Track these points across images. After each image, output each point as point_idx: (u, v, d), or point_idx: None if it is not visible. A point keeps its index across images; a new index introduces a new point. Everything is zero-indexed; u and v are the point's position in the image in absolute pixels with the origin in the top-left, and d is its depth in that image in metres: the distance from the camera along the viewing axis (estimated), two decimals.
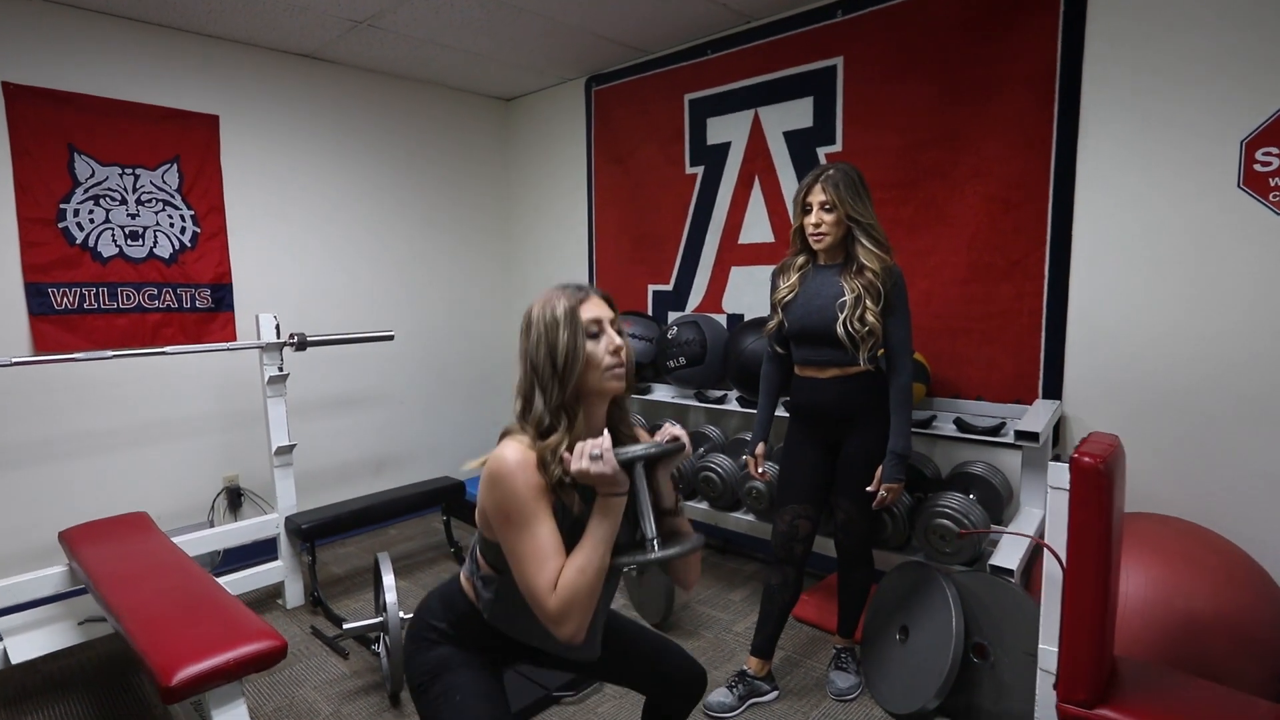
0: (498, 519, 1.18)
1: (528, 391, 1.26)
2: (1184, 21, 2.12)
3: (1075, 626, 1.42)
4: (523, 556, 1.16)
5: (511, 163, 4.39)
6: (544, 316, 1.24)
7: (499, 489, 1.16)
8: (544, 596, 1.14)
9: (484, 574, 1.31)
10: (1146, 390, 2.27)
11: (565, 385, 1.22)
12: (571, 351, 1.21)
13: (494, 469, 1.17)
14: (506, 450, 1.18)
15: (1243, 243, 2.09)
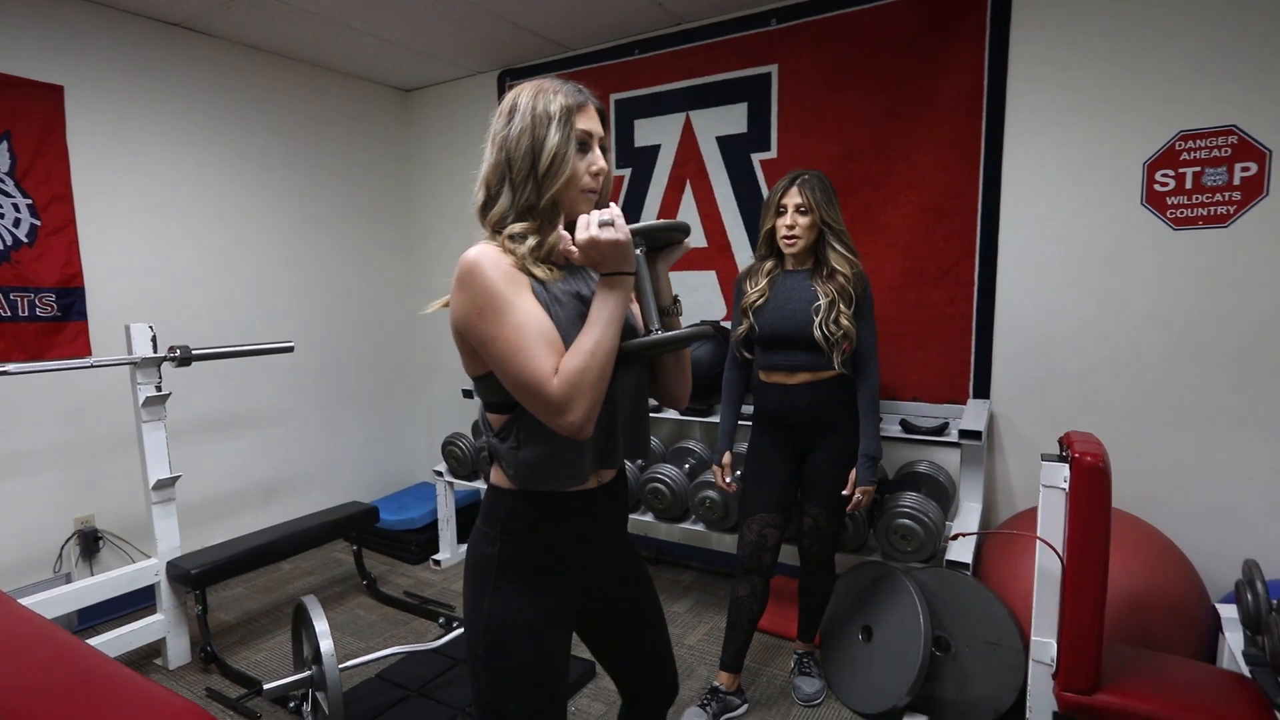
0: (472, 317, 1.03)
1: (494, 183, 1.12)
2: (1095, 53, 2.33)
3: (1077, 618, 1.48)
4: (510, 347, 1.00)
5: (414, 159, 4.07)
6: (534, 107, 1.09)
7: (468, 285, 1.03)
8: (543, 382, 0.98)
9: (499, 430, 1.11)
10: (1065, 389, 2.47)
11: (541, 188, 1.08)
12: (560, 155, 1.07)
13: (460, 269, 1.04)
14: (470, 250, 1.05)
15: (1144, 253, 2.32)
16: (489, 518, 1.15)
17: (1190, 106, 2.21)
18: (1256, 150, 2.15)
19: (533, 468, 1.10)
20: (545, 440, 1.08)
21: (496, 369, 1.04)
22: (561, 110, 1.09)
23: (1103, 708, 1.46)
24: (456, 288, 1.05)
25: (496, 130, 1.12)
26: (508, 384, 1.03)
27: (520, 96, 1.11)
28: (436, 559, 3.38)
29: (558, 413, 0.99)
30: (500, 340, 1.01)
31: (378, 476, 3.95)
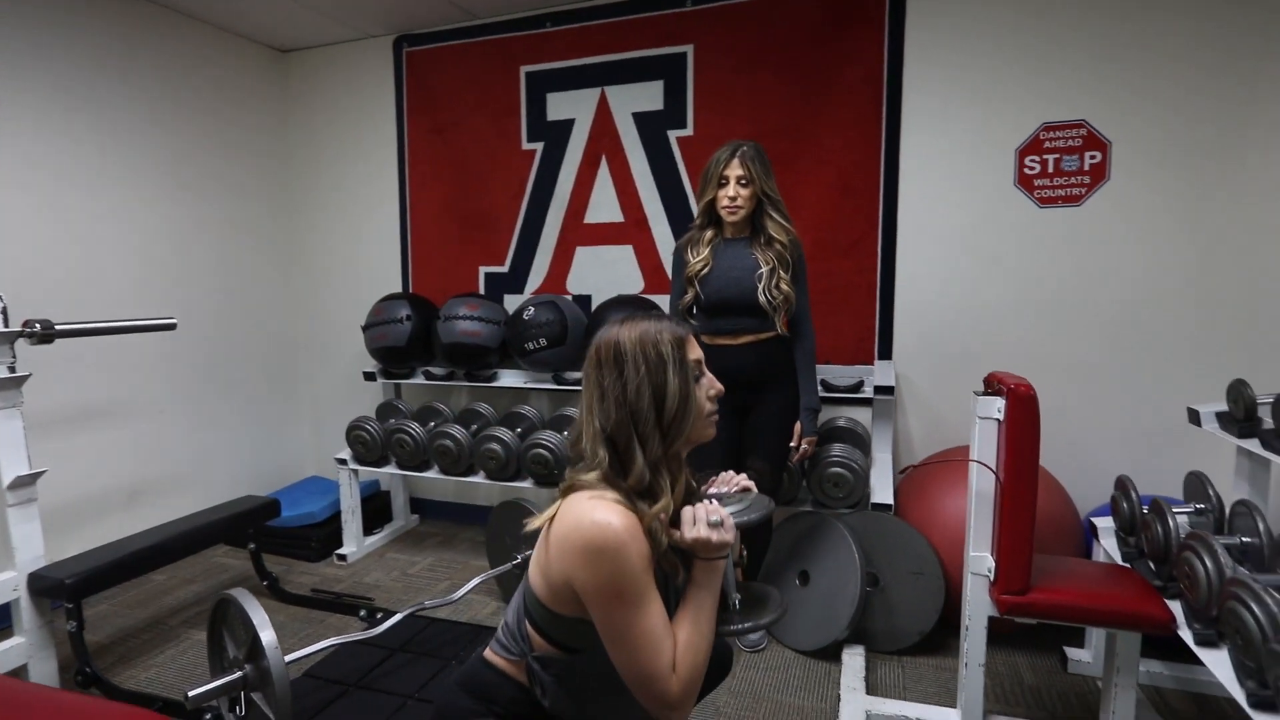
0: (603, 596, 0.99)
1: (622, 441, 1.06)
2: (975, 50, 2.65)
3: (1013, 530, 1.70)
4: (637, 638, 1.00)
5: (294, 129, 3.73)
6: (645, 353, 1.06)
7: (608, 562, 0.98)
8: (665, 679, 1.01)
9: (542, 654, 1.10)
10: (951, 349, 2.78)
11: (670, 437, 1.07)
12: (684, 397, 1.07)
13: (599, 539, 0.98)
14: (607, 514, 0.99)
15: (1016, 230, 2.68)
16: (482, 695, 1.15)
17: (1051, 101, 2.58)
18: (1100, 141, 2.55)
19: (569, 707, 1.11)
20: (592, 696, 1.10)
21: (613, 647, 1.02)
22: (673, 350, 1.08)
23: (1035, 603, 1.69)
24: (591, 555, 0.98)
25: (606, 383, 1.08)
26: (621, 664, 1.02)
27: (622, 345, 1.08)
28: (341, 554, 3.15)
29: (670, 709, 1.02)
30: (630, 629, 1.00)
31: (259, 473, 3.59)
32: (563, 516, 1.04)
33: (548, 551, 1.06)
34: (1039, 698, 2.09)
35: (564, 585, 1.03)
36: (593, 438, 1.08)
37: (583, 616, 1.05)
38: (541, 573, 1.08)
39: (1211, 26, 2.38)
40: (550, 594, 1.07)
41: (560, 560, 1.02)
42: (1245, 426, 1.86)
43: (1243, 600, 1.35)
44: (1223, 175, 2.42)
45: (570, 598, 1.04)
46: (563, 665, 1.09)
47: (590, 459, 1.08)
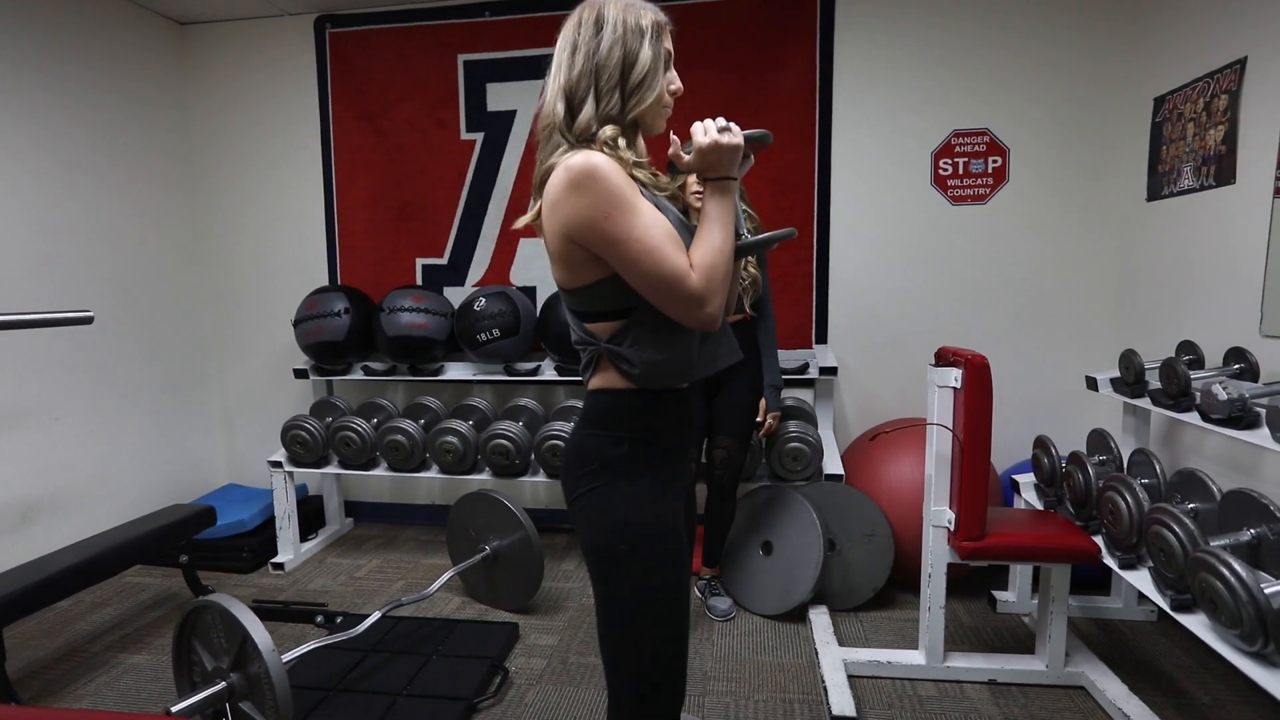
0: (598, 221, 1.02)
1: (580, 94, 1.09)
2: (895, 61, 2.93)
3: (971, 485, 1.93)
4: (645, 245, 1.02)
5: (196, 111, 3.43)
6: (625, 20, 1.09)
7: (589, 188, 1.01)
8: (684, 275, 1.03)
9: (612, 335, 1.12)
10: (880, 332, 3.06)
11: (627, 101, 1.10)
12: (651, 70, 1.10)
13: (573, 171, 1.01)
14: (574, 156, 1.03)
15: (931, 224, 2.99)
16: (609, 420, 1.15)
17: (960, 110, 2.91)
18: (1000, 148, 2.91)
19: (659, 365, 1.13)
20: (668, 340, 1.13)
21: (629, 268, 1.04)
22: (653, 26, 1.12)
23: (991, 547, 1.94)
24: (572, 192, 1.02)
25: (580, 39, 1.10)
26: (642, 282, 1.05)
27: (606, 9, 1.11)
28: (278, 562, 2.96)
29: (699, 305, 1.04)
30: (633, 240, 1.02)
31: (169, 484, 3.28)
32: (545, 191, 1.07)
33: (546, 233, 1.09)
34: (979, 635, 2.38)
35: (567, 242, 1.06)
36: (554, 93, 1.11)
37: (604, 273, 1.08)
38: (553, 258, 1.11)
39: (1088, 54, 2.79)
40: (568, 269, 1.09)
41: (555, 219, 1.05)
42: (1134, 389, 2.21)
43: (1166, 524, 1.64)
44: (1097, 177, 2.83)
45: (581, 256, 1.06)
46: (627, 329, 1.11)
47: (549, 118, 1.12)
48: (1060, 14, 2.79)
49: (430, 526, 3.47)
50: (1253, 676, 1.39)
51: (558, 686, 2.12)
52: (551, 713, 1.99)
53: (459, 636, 2.37)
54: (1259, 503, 1.62)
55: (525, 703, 2.04)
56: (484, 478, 2.87)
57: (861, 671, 2.12)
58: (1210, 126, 2.32)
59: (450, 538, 2.72)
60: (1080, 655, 2.11)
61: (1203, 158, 2.35)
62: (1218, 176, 2.28)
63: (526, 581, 2.54)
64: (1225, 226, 2.24)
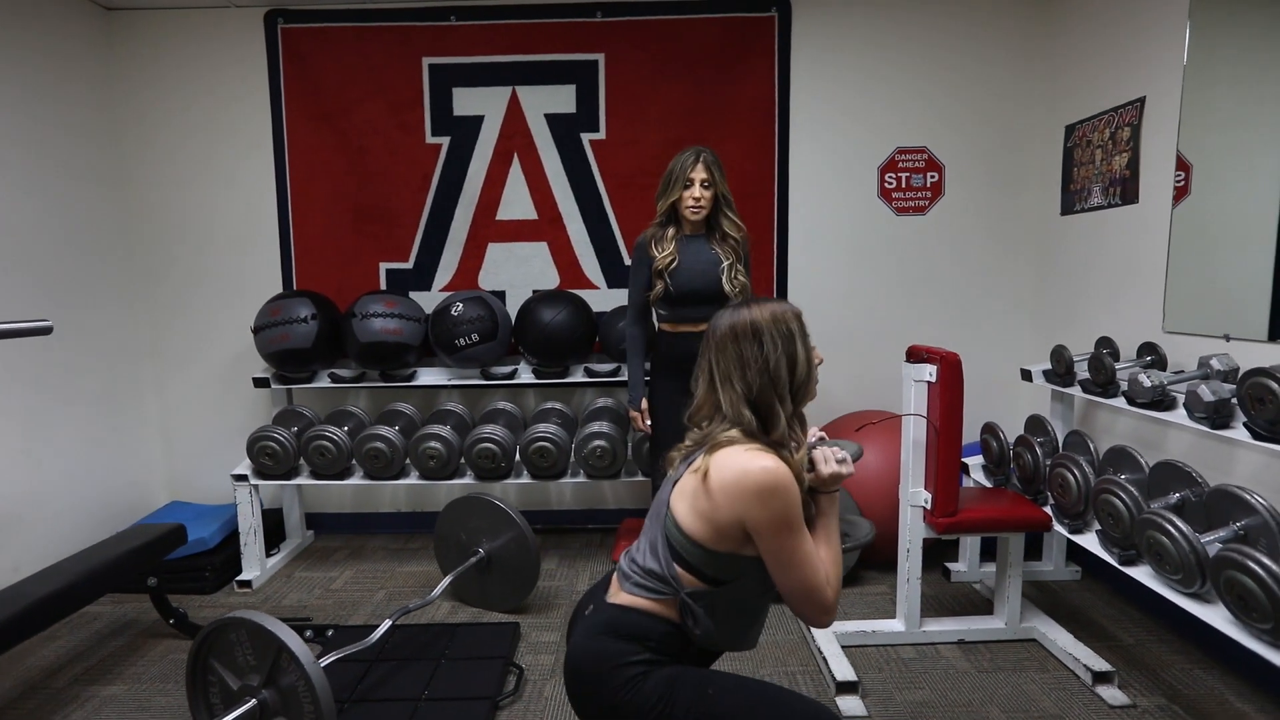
0: (775, 528, 1.18)
1: (764, 403, 1.26)
2: (845, 81, 3.19)
3: (946, 467, 2.18)
4: (803, 560, 1.21)
5: (128, 99, 3.20)
6: (779, 329, 1.27)
7: (779, 500, 1.17)
8: (824, 589, 1.22)
9: (693, 590, 1.26)
10: (834, 333, 3.31)
11: (798, 398, 1.29)
12: (809, 364, 1.29)
13: (771, 480, 1.17)
14: (771, 461, 1.19)
15: (878, 234, 3.28)
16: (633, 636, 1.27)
17: (903, 129, 3.21)
18: (938, 164, 3.24)
19: (716, 639, 1.30)
20: (735, 622, 1.30)
21: (783, 570, 1.21)
22: (799, 326, 1.30)
23: (963, 522, 2.20)
24: (764, 497, 1.17)
25: (749, 355, 1.25)
26: (787, 583, 1.21)
27: (759, 323, 1.26)
28: (244, 580, 2.83)
29: (828, 614, 1.25)
30: (797, 553, 1.20)
31: (104, 508, 3.03)
32: (725, 467, 1.21)
33: (710, 499, 1.22)
34: (940, 602, 2.66)
35: (733, 525, 1.21)
36: (735, 403, 1.27)
37: (737, 552, 1.23)
38: (702, 518, 1.23)
39: (1011, 83, 3.16)
40: (714, 535, 1.23)
41: (731, 504, 1.20)
42: (1065, 379, 2.56)
43: (1114, 492, 1.94)
44: (1018, 193, 3.22)
45: (735, 536, 1.22)
46: (713, 596, 1.26)
47: (732, 421, 1.27)
48: (988, 47, 3.14)
49: (397, 535, 3.42)
50: (1194, 612, 1.68)
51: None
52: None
53: (462, 639, 2.39)
54: (1183, 471, 1.95)
55: (545, 697, 2.10)
56: (465, 482, 2.88)
57: (850, 641, 2.33)
58: (1116, 153, 2.70)
59: (438, 543, 2.72)
60: (1030, 612, 2.42)
61: (1109, 180, 2.74)
62: (1123, 197, 2.67)
63: (522, 582, 2.59)
64: (1131, 239, 2.63)
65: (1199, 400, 1.88)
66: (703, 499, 1.24)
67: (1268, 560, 1.47)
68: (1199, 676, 2.13)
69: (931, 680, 2.15)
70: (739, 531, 1.21)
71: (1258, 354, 2.01)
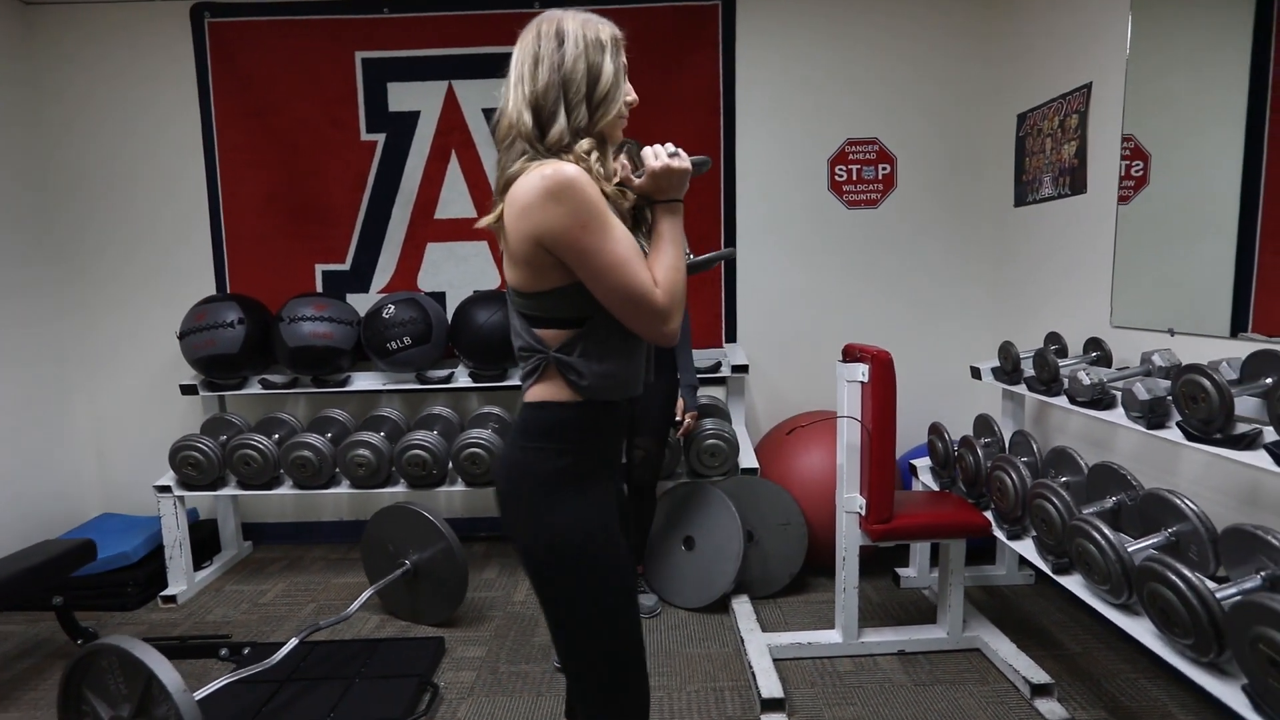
0: (572, 233, 1.04)
1: (549, 105, 1.11)
2: (792, 73, 3.09)
3: (879, 472, 2.08)
4: (617, 259, 1.06)
5: (49, 94, 3.09)
6: (586, 34, 1.13)
7: (566, 198, 1.03)
8: (651, 291, 1.08)
9: (562, 344, 1.13)
10: (786, 330, 3.22)
11: (594, 113, 1.13)
12: (614, 81, 1.14)
13: (553, 180, 1.03)
14: (551, 166, 1.05)
15: (829, 227, 3.18)
16: (552, 434, 1.16)
17: (853, 120, 3.11)
18: (889, 156, 3.14)
19: (607, 378, 1.15)
20: (618, 353, 1.16)
21: (598, 280, 1.07)
22: (612, 40, 1.16)
23: (899, 528, 2.10)
24: (548, 201, 1.04)
25: (543, 51, 1.12)
26: (609, 294, 1.08)
27: (566, 22, 1.13)
28: (169, 594, 2.73)
29: (663, 320, 1.10)
30: (606, 253, 1.06)
31: (29, 520, 2.92)
32: (512, 197, 1.09)
33: (509, 237, 1.10)
34: (887, 610, 2.56)
35: (535, 247, 1.07)
36: (518, 103, 1.13)
37: (566, 280, 1.10)
38: (514, 261, 1.12)
39: (961, 72, 3.06)
40: (529, 273, 1.11)
41: (524, 224, 1.07)
42: (1012, 376, 2.46)
43: (1046, 497, 1.84)
44: (970, 185, 3.12)
45: (547, 262, 1.09)
46: (579, 339, 1.13)
47: (514, 127, 1.13)
48: (937, 34, 3.04)
49: (338, 544, 3.32)
50: (1121, 625, 1.59)
51: (490, 697, 2.09)
52: None
53: (382, 656, 2.29)
54: (1118, 473, 1.85)
55: (458, 718, 2.01)
56: (399, 490, 2.78)
57: (785, 654, 2.24)
58: (1065, 142, 2.61)
59: (366, 554, 2.62)
60: (975, 621, 2.33)
61: (1059, 169, 2.64)
62: (1072, 186, 2.57)
63: (450, 594, 2.49)
64: (1079, 230, 2.53)
65: (1134, 399, 1.78)
66: (505, 242, 1.12)
67: (1187, 572, 1.38)
68: (1143, 687, 2.04)
69: (865, 695, 2.05)
70: (547, 256, 1.08)
71: (1210, 350, 1.90)
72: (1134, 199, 2.28)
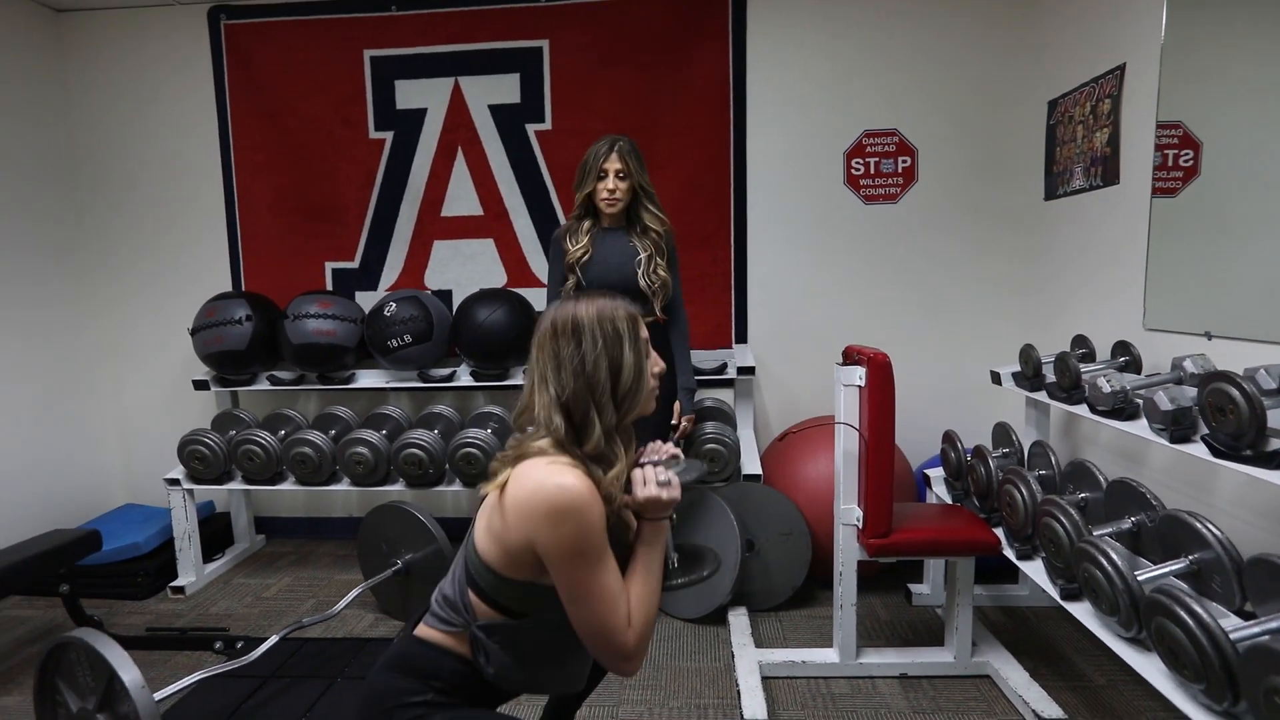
0: (566, 555, 1.02)
1: (579, 410, 1.09)
2: (806, 63, 2.95)
3: (876, 483, 1.95)
4: (598, 594, 1.04)
5: (79, 100, 3.21)
6: (603, 327, 1.10)
7: (571, 523, 1.01)
8: (623, 632, 1.06)
9: (486, 622, 1.11)
10: (799, 331, 3.08)
11: (623, 408, 1.12)
12: (638, 370, 1.12)
13: (564, 500, 1.01)
14: (568, 478, 1.03)
15: (845, 223, 3.03)
16: (421, 674, 1.12)
17: (871, 110, 2.96)
18: (909, 148, 2.97)
19: (516, 681, 1.15)
20: (539, 661, 1.14)
21: (574, 604, 1.05)
22: (628, 322, 1.12)
23: (897, 543, 1.96)
24: (554, 516, 1.01)
25: (563, 354, 1.09)
26: (580, 621, 1.06)
27: (581, 319, 1.10)
28: (177, 586, 2.79)
29: (626, 661, 1.08)
30: (592, 586, 1.04)
31: (55, 508, 3.04)
32: (520, 482, 1.05)
33: (503, 517, 1.06)
34: (894, 629, 2.41)
35: (524, 548, 1.05)
36: (547, 406, 1.10)
37: (534, 580, 1.08)
38: (495, 539, 1.08)
39: (987, 58, 2.87)
40: (505, 559, 1.08)
41: (521, 524, 1.04)
42: (1034, 382, 2.28)
43: (1055, 515, 1.68)
44: (997, 177, 2.92)
45: (527, 561, 1.06)
46: (509, 631, 1.11)
47: (544, 427, 1.11)
48: (962, 18, 2.86)
49: (348, 541, 3.33)
50: (1128, 660, 1.43)
51: None
52: None
53: (369, 656, 2.27)
54: (1137, 491, 1.68)
55: None
56: (398, 488, 2.77)
57: (777, 672, 2.12)
58: (1096, 129, 2.41)
59: (361, 552, 2.62)
60: (987, 645, 2.17)
61: (1091, 159, 2.44)
62: (1104, 177, 2.37)
63: None
64: (1111, 224, 2.33)
65: (1155, 409, 1.61)
66: (497, 517, 1.08)
67: (1197, 607, 1.22)
68: None
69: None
70: (531, 556, 1.05)
71: (1251, 356, 1.70)
72: (1182, 191, 2.06)
